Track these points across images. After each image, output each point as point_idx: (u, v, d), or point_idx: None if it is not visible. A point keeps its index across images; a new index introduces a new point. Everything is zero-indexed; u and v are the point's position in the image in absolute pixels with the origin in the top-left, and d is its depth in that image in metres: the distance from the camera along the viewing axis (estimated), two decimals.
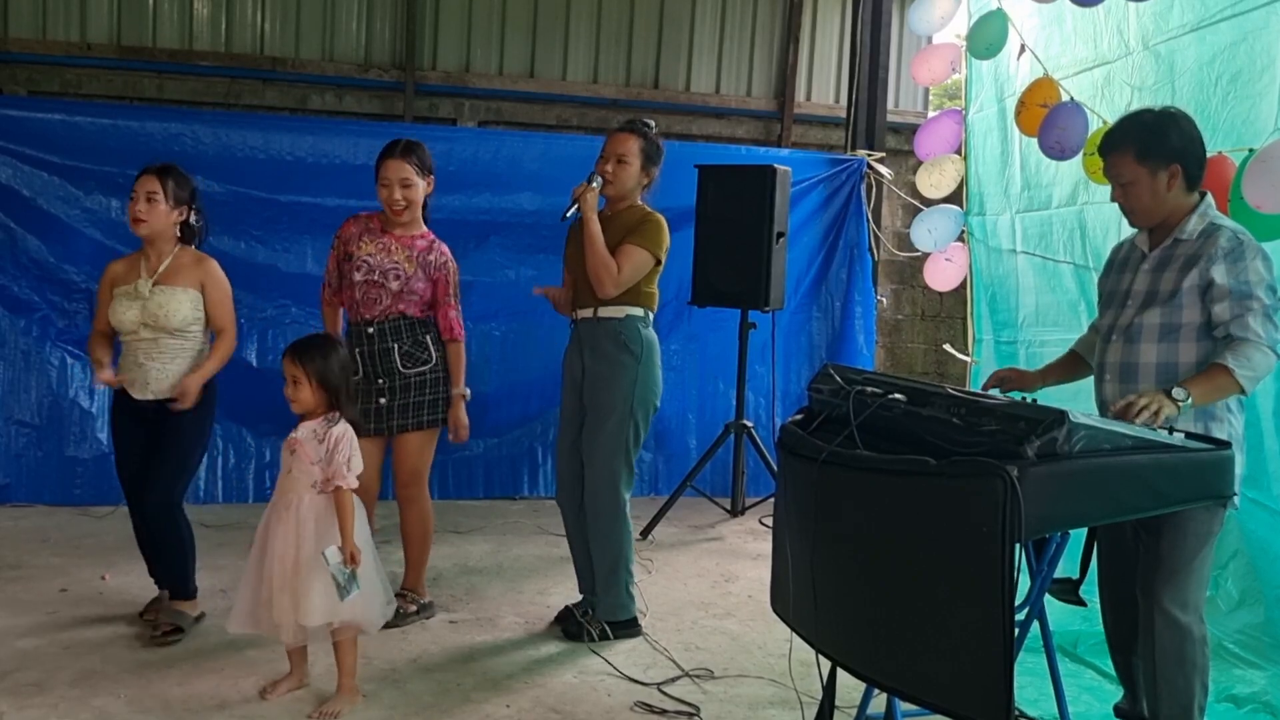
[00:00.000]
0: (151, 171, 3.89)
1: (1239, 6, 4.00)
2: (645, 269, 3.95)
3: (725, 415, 6.25)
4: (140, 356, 3.85)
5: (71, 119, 5.69)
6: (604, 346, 3.95)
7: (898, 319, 8.05)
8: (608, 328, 3.95)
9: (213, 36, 6.72)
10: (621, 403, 3.93)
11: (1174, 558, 2.88)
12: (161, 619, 3.88)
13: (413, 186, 4.08)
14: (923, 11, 5.83)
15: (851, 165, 6.84)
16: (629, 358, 3.93)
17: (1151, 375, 2.98)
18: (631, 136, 3.98)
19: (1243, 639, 3.91)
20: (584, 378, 4.00)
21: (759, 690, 3.65)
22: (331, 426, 3.29)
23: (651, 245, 3.93)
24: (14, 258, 5.60)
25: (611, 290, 3.88)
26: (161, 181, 3.86)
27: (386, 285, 4.04)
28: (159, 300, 3.84)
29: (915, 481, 2.33)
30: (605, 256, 3.86)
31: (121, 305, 3.86)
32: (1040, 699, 3.34)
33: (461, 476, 6.24)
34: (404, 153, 4.07)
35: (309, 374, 3.28)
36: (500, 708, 3.41)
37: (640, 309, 3.98)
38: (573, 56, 7.30)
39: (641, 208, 4.04)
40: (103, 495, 5.59)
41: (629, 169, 3.96)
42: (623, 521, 4.01)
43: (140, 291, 3.85)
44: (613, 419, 3.93)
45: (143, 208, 3.85)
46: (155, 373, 3.84)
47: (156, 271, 3.90)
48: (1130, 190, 3.04)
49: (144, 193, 3.85)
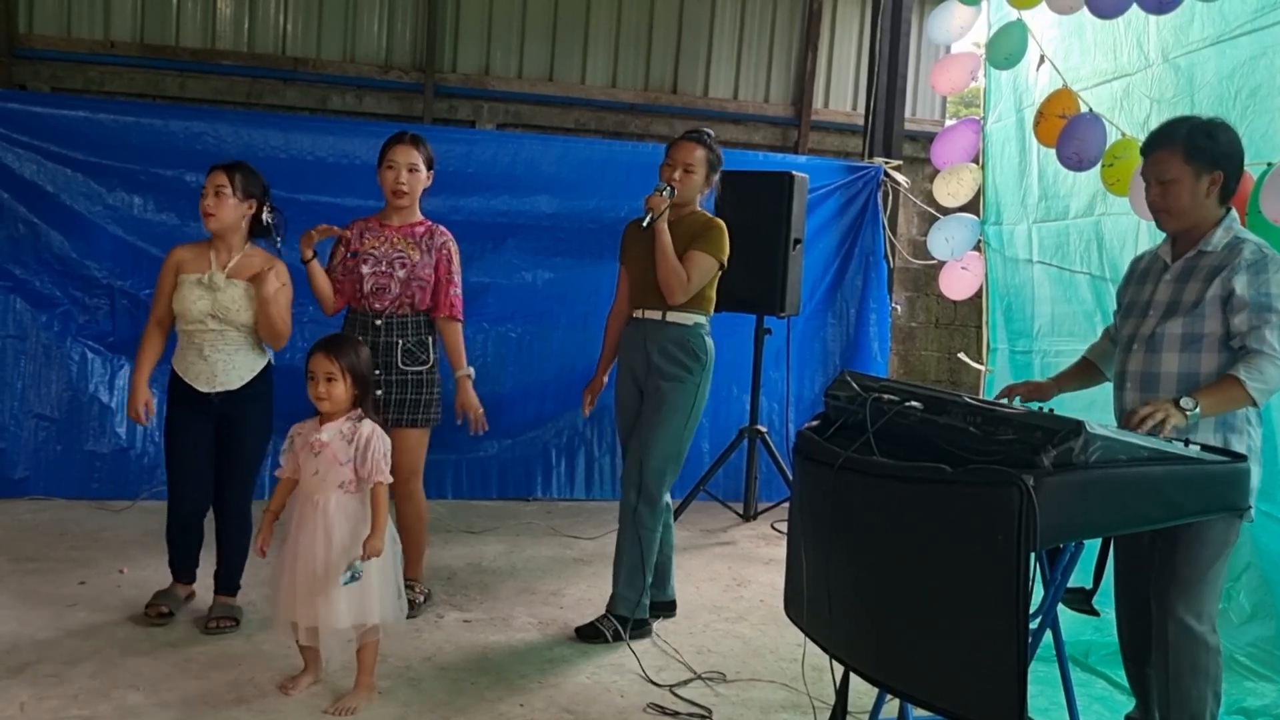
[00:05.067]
0: (220, 167, 3.96)
1: (1259, 21, 4.01)
2: (711, 274, 4.08)
3: (739, 420, 6.27)
4: (206, 349, 3.90)
5: (95, 116, 5.74)
6: (673, 351, 4.05)
7: (912, 327, 8.05)
8: (676, 334, 4.06)
9: (235, 36, 6.77)
10: (685, 407, 4.05)
11: (1190, 568, 2.89)
12: (215, 613, 3.92)
13: (417, 173, 4.18)
14: (942, 20, 5.84)
15: (868, 173, 6.85)
16: (697, 365, 4.06)
17: (1173, 385, 2.99)
18: (697, 146, 4.11)
19: (1254, 652, 3.91)
20: (649, 374, 4.09)
21: (771, 694, 3.67)
22: (359, 425, 3.31)
23: (716, 251, 4.05)
24: (36, 253, 5.65)
25: (681, 298, 4.01)
26: (229, 176, 3.92)
27: (394, 274, 4.12)
28: (232, 294, 3.90)
29: (931, 489, 2.35)
30: (676, 266, 3.97)
31: (193, 293, 3.89)
32: (1051, 708, 3.35)
33: (475, 477, 6.27)
34: (413, 140, 4.20)
35: (344, 370, 3.28)
36: (514, 707, 3.44)
37: (704, 316, 4.13)
38: (592, 60, 7.33)
39: (703, 213, 4.16)
40: (121, 489, 5.66)
41: (694, 178, 4.09)
42: (661, 519, 4.11)
43: (215, 283, 3.89)
44: (675, 421, 4.04)
45: (211, 202, 3.90)
46: (222, 365, 3.90)
47: (227, 265, 3.94)
48: (1171, 189, 3.02)
49: (213, 187, 3.91)
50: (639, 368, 4.13)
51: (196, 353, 3.91)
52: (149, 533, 5.07)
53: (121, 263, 5.74)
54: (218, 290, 3.89)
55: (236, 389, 3.92)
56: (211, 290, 3.89)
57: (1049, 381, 3.46)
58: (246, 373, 3.95)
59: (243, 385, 3.94)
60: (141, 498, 5.62)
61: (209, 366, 3.90)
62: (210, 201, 3.90)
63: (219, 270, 3.91)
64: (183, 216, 5.75)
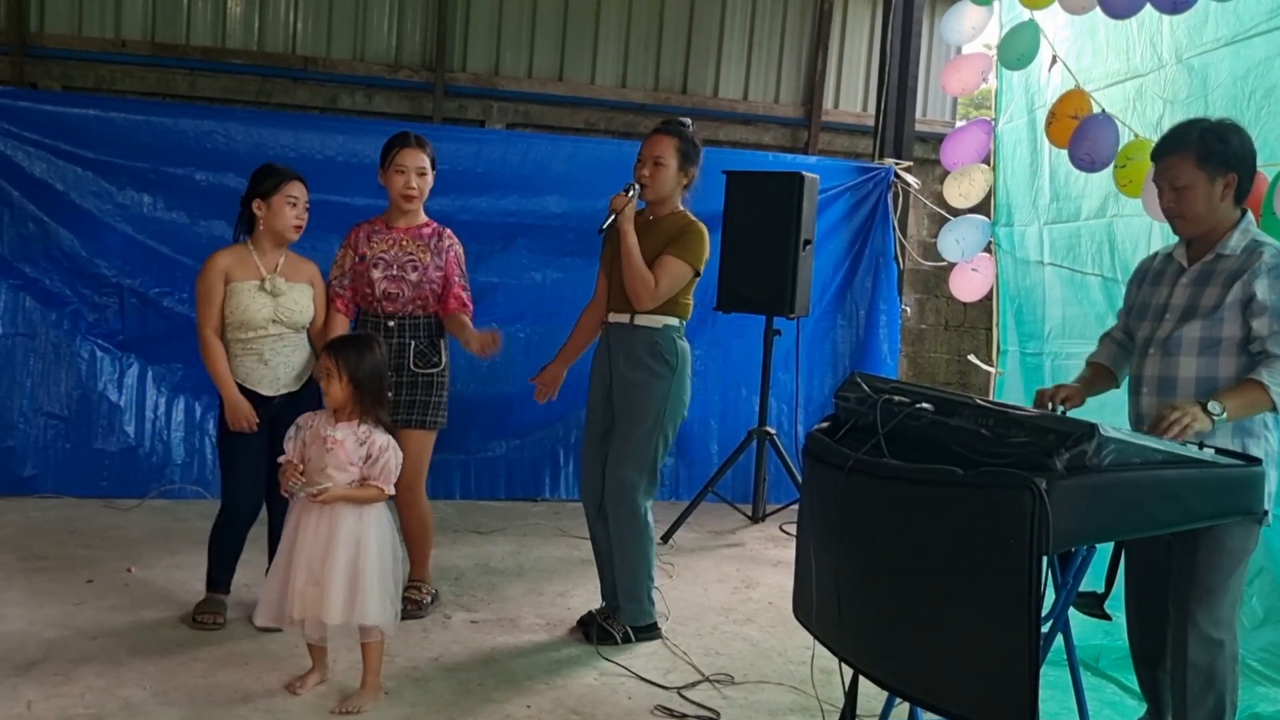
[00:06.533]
0: (300, 180, 4.00)
1: (1273, 22, 3.99)
2: (683, 282, 3.92)
3: (748, 421, 6.25)
4: (266, 353, 3.92)
5: (105, 115, 5.76)
6: (639, 355, 3.93)
7: (921, 328, 8.03)
8: (644, 336, 3.93)
9: (245, 35, 6.77)
10: (655, 413, 3.93)
11: (1209, 574, 2.87)
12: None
13: (426, 176, 4.17)
14: (954, 21, 5.82)
15: (879, 174, 6.84)
16: (665, 369, 3.92)
17: (1190, 388, 2.97)
18: (666, 137, 3.94)
19: (1266, 657, 3.89)
20: (615, 383, 4.00)
21: (779, 697, 3.65)
22: (374, 432, 3.33)
23: (691, 258, 3.90)
24: (46, 251, 5.67)
25: (648, 305, 3.88)
26: (305, 188, 4.01)
27: (406, 278, 4.11)
28: (294, 297, 3.95)
29: (942, 491, 2.33)
30: (642, 271, 3.84)
31: (255, 300, 3.89)
32: (1062, 713, 3.32)
33: (484, 477, 6.27)
34: (419, 143, 4.17)
35: (340, 369, 3.30)
36: (521, 708, 3.43)
37: (676, 319, 3.97)
38: (601, 60, 7.32)
39: (683, 214, 4.00)
40: (129, 488, 5.67)
41: (666, 170, 3.92)
42: (644, 528, 4.01)
43: (277, 288, 3.92)
44: (644, 428, 3.93)
45: (303, 214, 3.99)
46: (284, 367, 3.95)
47: (276, 268, 3.97)
48: (1185, 195, 2.99)
49: (302, 201, 3.97)
50: (607, 374, 4.04)
51: (256, 358, 3.92)
52: (157, 531, 5.09)
53: (131, 261, 5.75)
54: (280, 295, 3.92)
55: (297, 390, 3.98)
56: (274, 295, 3.91)
57: (1079, 389, 3.26)
58: (305, 372, 4.01)
59: (302, 385, 4.00)
60: (150, 496, 5.63)
61: (271, 370, 3.93)
62: (302, 214, 3.98)
63: (272, 274, 3.94)
64: (192, 215, 5.78)
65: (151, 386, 5.80)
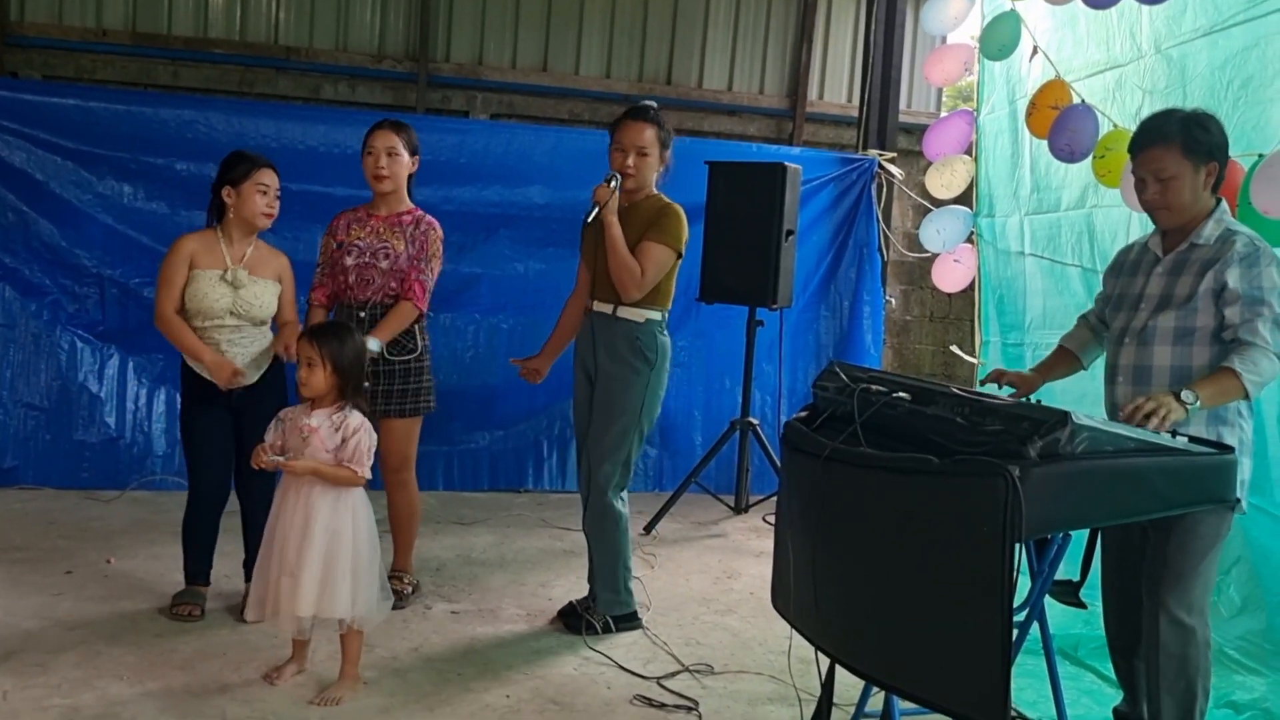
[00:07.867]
0: (272, 167, 3.95)
1: (1251, 12, 4.00)
2: (667, 266, 3.91)
3: (731, 412, 6.26)
4: (223, 344, 3.88)
5: (86, 104, 5.72)
6: (620, 349, 3.92)
7: (906, 319, 8.04)
8: (625, 330, 3.92)
9: (227, 25, 6.73)
10: (632, 408, 3.92)
11: (1181, 560, 2.89)
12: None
13: (397, 158, 4.11)
14: (936, 12, 5.82)
15: (862, 165, 6.83)
16: (644, 364, 3.92)
17: (1165, 378, 2.98)
18: (649, 126, 3.92)
19: (1244, 645, 3.91)
20: (597, 373, 4.00)
21: (758, 686, 3.66)
22: (348, 415, 3.30)
23: (672, 240, 3.89)
24: (26, 241, 5.63)
25: (636, 294, 3.86)
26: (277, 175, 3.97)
27: (377, 265, 4.08)
28: (255, 291, 3.90)
29: (917, 479, 2.33)
30: (628, 260, 3.82)
31: (214, 290, 3.85)
32: (1039, 701, 3.35)
33: (466, 468, 6.25)
34: (393, 125, 4.15)
35: (324, 357, 3.28)
36: (500, 698, 3.43)
37: (658, 311, 3.96)
38: (586, 51, 7.31)
39: (659, 197, 3.99)
40: (110, 479, 5.64)
41: (649, 160, 3.92)
42: (617, 520, 4.00)
43: (238, 280, 3.88)
44: (621, 423, 3.93)
45: (274, 203, 3.94)
46: (240, 359, 3.88)
47: (243, 258, 3.93)
48: (1171, 185, 2.98)
49: (273, 189, 3.93)
50: (590, 363, 4.03)
51: (213, 348, 3.87)
52: (137, 523, 5.07)
53: (111, 251, 5.71)
54: (241, 287, 3.88)
55: (254, 382, 3.93)
56: (235, 288, 3.88)
57: (1034, 374, 3.43)
58: (264, 363, 3.96)
59: (260, 377, 3.95)
60: (130, 488, 5.60)
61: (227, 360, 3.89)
62: (272, 201, 3.93)
63: (234, 265, 3.90)
64: (173, 205, 5.73)
65: (132, 377, 5.77)
